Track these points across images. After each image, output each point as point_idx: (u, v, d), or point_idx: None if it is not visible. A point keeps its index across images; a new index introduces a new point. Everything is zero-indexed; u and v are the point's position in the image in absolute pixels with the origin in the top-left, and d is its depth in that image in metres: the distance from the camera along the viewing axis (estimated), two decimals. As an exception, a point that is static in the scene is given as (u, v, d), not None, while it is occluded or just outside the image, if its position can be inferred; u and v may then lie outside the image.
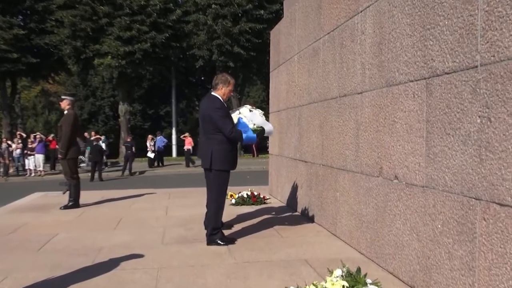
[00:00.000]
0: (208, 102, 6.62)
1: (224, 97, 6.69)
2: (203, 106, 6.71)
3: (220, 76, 6.76)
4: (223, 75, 6.76)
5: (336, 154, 6.80)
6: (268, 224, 7.79)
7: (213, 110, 6.48)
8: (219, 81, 6.67)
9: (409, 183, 4.74)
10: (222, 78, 6.67)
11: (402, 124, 4.87)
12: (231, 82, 6.71)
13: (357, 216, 6.08)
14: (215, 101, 6.58)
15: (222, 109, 6.50)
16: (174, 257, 5.99)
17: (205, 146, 6.59)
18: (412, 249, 4.68)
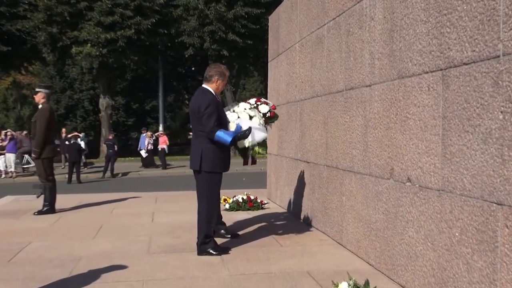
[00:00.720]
0: (199, 96, 6.63)
1: (218, 90, 6.71)
2: (193, 100, 6.72)
3: (214, 67, 6.76)
4: (218, 66, 6.76)
5: (342, 154, 6.80)
6: (266, 232, 7.79)
7: (202, 104, 6.49)
8: (214, 72, 6.68)
9: (423, 186, 4.74)
10: (218, 70, 6.68)
11: (415, 120, 4.88)
12: (226, 74, 6.74)
13: (365, 223, 6.08)
14: (206, 95, 6.59)
15: (211, 105, 6.49)
16: (161, 268, 5.99)
17: (194, 145, 6.60)
18: (427, 259, 4.69)
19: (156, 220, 9.20)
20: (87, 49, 33.79)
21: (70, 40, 34.34)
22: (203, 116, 6.43)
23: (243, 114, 6.86)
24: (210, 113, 6.43)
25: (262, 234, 7.66)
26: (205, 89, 6.67)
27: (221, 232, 7.49)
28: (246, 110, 6.94)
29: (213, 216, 6.66)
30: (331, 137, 7.21)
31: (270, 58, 11.32)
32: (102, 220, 9.23)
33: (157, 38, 35.68)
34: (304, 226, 8.17)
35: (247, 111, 6.91)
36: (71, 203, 11.20)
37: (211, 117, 6.43)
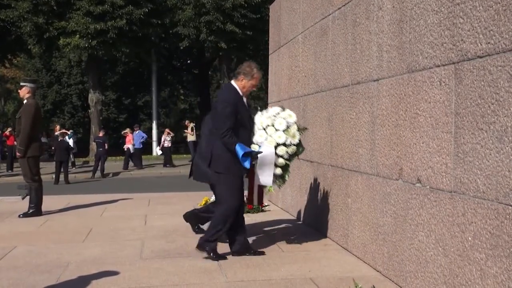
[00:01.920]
0: (222, 91, 6.79)
1: (244, 90, 6.68)
2: (218, 93, 6.90)
3: (245, 64, 6.76)
4: (249, 65, 6.73)
5: (348, 153, 6.81)
6: (266, 236, 7.80)
7: (222, 101, 6.54)
8: (241, 70, 6.69)
9: (434, 188, 4.75)
10: (246, 69, 6.67)
11: (426, 117, 4.88)
12: (255, 75, 6.67)
13: (372, 226, 6.09)
14: (228, 93, 6.63)
15: (232, 105, 6.48)
16: (155, 275, 6.00)
17: (206, 142, 6.65)
18: (438, 265, 4.70)
19: (149, 223, 9.21)
20: (75, 40, 33.74)
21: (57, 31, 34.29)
22: (219, 115, 6.44)
23: (270, 140, 6.51)
24: (227, 115, 6.41)
25: (262, 238, 7.67)
26: (230, 86, 6.71)
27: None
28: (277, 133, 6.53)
29: (227, 220, 6.61)
30: (336, 135, 7.22)
31: (271, 51, 11.33)
32: (92, 223, 9.24)
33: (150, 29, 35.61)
34: (307, 230, 8.18)
35: (275, 136, 6.52)
36: (58, 205, 11.20)
37: (229, 117, 6.40)
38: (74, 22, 33.29)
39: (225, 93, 6.66)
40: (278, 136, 6.47)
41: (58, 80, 50.98)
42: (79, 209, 10.84)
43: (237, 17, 34.66)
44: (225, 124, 6.37)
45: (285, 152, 6.50)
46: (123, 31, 33.84)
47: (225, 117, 6.40)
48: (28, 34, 35.11)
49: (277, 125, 6.53)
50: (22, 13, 34.15)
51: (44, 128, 43.16)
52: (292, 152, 6.57)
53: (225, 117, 6.40)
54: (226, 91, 6.70)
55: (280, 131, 6.49)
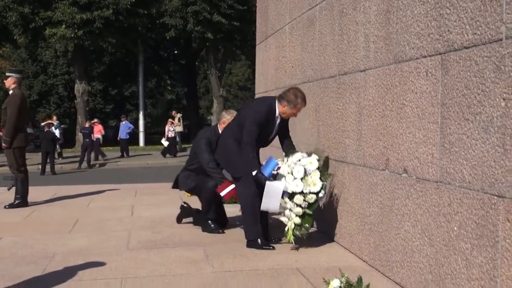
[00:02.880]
0: (260, 102, 6.85)
1: (284, 115, 6.71)
2: (253, 102, 7.08)
3: (292, 91, 6.64)
4: (295, 93, 6.60)
5: (334, 143, 6.82)
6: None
7: (254, 110, 6.62)
8: (286, 96, 6.61)
9: (420, 178, 4.76)
10: (291, 97, 6.57)
11: (412, 107, 4.89)
12: (298, 106, 6.62)
13: (358, 216, 6.11)
14: (266, 106, 6.63)
15: (261, 118, 6.55)
16: (141, 265, 5.99)
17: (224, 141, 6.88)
18: (424, 255, 4.72)
19: (136, 214, 9.19)
20: (61, 30, 33.54)
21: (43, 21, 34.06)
22: (248, 122, 6.49)
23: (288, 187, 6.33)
24: (255, 125, 6.48)
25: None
26: (270, 103, 6.69)
27: (211, 226, 7.53)
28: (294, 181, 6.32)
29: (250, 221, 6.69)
30: (323, 125, 7.22)
31: (258, 41, 11.30)
32: (78, 214, 9.20)
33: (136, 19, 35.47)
34: (294, 220, 8.18)
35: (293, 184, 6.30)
36: (44, 196, 11.15)
37: (255, 128, 6.48)
38: (60, 12, 33.08)
39: (261, 105, 6.68)
40: (296, 185, 6.27)
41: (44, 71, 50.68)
42: (65, 200, 10.79)
43: (224, 7, 34.62)
44: (251, 133, 6.46)
45: (302, 201, 6.28)
46: (110, 21, 33.68)
47: (253, 126, 6.47)
48: (13, 24, 34.88)
49: (295, 173, 6.33)
50: (7, 3, 33.93)
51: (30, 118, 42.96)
52: (311, 201, 6.31)
53: (253, 126, 6.47)
54: (265, 105, 6.67)
55: (298, 179, 6.29)
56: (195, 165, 7.72)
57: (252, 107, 6.76)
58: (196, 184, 7.65)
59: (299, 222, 6.36)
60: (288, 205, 6.33)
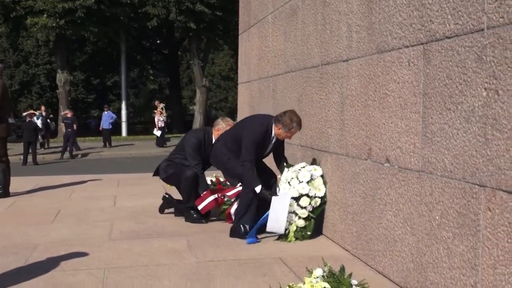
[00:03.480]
0: (258, 121, 6.85)
1: (279, 137, 6.82)
2: (251, 117, 7.25)
3: (288, 115, 6.68)
4: (290, 117, 6.65)
5: (317, 133, 6.82)
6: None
7: (254, 130, 6.69)
8: (282, 119, 6.68)
9: (403, 167, 4.78)
10: (287, 121, 6.64)
11: (395, 97, 4.90)
12: (292, 130, 6.70)
13: (341, 206, 6.12)
14: (264, 127, 6.72)
15: (259, 138, 6.67)
16: (124, 255, 5.98)
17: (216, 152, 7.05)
18: (406, 244, 4.74)
19: (118, 204, 9.17)
20: (43, 20, 33.27)
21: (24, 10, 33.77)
22: (247, 142, 6.61)
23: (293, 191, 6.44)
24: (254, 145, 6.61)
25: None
26: (267, 123, 6.76)
27: (194, 216, 7.52)
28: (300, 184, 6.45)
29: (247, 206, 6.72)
30: (305, 115, 7.22)
31: (241, 31, 11.27)
32: (60, 204, 9.15)
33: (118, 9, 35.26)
34: (276, 210, 8.19)
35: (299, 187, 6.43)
36: (26, 186, 11.08)
37: (254, 147, 6.62)
38: (42, 1, 32.83)
39: (262, 126, 6.74)
40: (302, 187, 6.40)
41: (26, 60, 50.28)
42: (48, 190, 10.73)
43: (206, -3, 34.45)
44: (250, 153, 6.58)
45: (308, 204, 6.39)
46: (92, 10, 33.45)
47: (252, 146, 6.60)
48: (-6, 13, 34.55)
49: (301, 177, 6.47)
50: (-13, -8, 33.58)
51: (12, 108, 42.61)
52: (316, 205, 6.44)
53: (252, 146, 6.60)
54: (262, 124, 6.76)
55: (304, 182, 6.43)
56: (179, 158, 7.71)
57: (251, 126, 6.78)
58: (175, 171, 7.66)
59: (303, 224, 6.43)
60: (293, 208, 6.40)
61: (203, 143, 7.58)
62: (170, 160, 7.84)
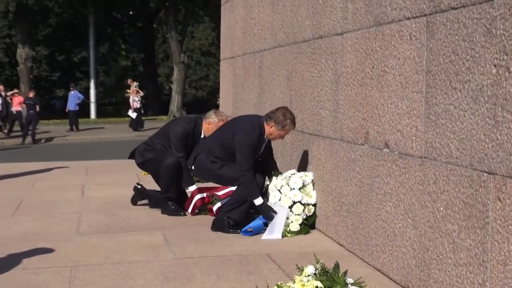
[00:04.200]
0: (250, 123, 6.76)
1: (270, 137, 6.78)
2: (239, 119, 7.12)
3: (280, 111, 6.68)
4: (284, 113, 6.65)
5: (309, 115, 6.82)
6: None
7: (248, 135, 6.61)
8: (274, 116, 6.66)
9: (403, 153, 4.78)
10: (280, 117, 6.62)
11: (395, 75, 4.90)
12: (286, 128, 6.69)
13: (335, 196, 6.14)
14: (258, 129, 6.67)
15: (255, 143, 6.64)
16: (94, 251, 5.96)
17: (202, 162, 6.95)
18: (407, 238, 4.76)
19: (87, 194, 9.15)
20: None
21: (-20, -23, 33.51)
22: (243, 149, 6.56)
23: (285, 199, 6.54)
24: (247, 154, 6.56)
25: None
26: (258, 124, 6.73)
27: (172, 208, 7.51)
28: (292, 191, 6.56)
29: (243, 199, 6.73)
30: (295, 95, 7.21)
31: (224, 1, 11.23)
32: (22, 194, 9.12)
33: (86, -25, 35.06)
34: (263, 200, 8.21)
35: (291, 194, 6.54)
36: (-17, 175, 11.05)
37: (251, 154, 6.60)
38: (-1, -33, 32.54)
39: (253, 129, 6.68)
40: (294, 195, 6.51)
41: (-18, 33, 49.96)
42: (8, 179, 10.70)
43: (185, -38, 34.31)
44: (248, 161, 6.54)
45: (302, 211, 6.50)
46: (56, -23, 33.20)
47: (248, 153, 6.57)
48: None
49: (292, 184, 6.57)
50: None
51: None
52: (309, 213, 6.57)
53: (249, 153, 6.58)
54: (254, 126, 6.70)
55: (296, 189, 6.53)
56: (160, 144, 7.67)
57: (244, 129, 6.70)
58: (154, 157, 7.62)
59: (296, 229, 6.49)
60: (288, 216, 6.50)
61: (190, 135, 7.54)
62: (150, 145, 7.80)
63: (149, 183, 8.15)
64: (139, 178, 9.15)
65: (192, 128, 7.60)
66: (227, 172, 6.73)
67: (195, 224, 7.01)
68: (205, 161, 6.86)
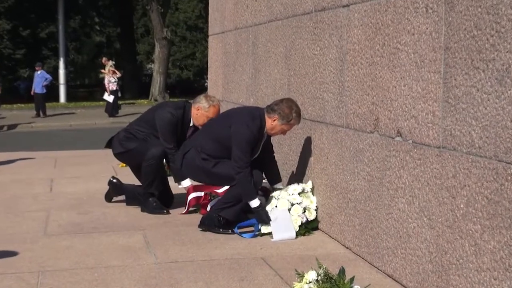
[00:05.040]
0: (249, 116, 6.72)
1: (272, 132, 6.75)
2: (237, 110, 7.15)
3: (285, 104, 6.64)
4: (289, 106, 6.61)
5: (310, 99, 6.82)
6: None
7: (248, 127, 6.57)
8: (278, 108, 6.61)
9: (418, 142, 4.79)
10: (285, 110, 6.58)
11: (409, 52, 4.90)
12: (292, 122, 6.66)
13: (340, 192, 6.14)
14: (255, 120, 6.64)
15: (255, 138, 6.61)
16: (64, 255, 5.97)
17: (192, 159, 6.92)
18: (422, 240, 4.77)
19: (56, 189, 9.17)
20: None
21: None
22: (240, 144, 6.53)
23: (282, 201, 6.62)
24: (246, 149, 6.54)
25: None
26: (259, 116, 6.71)
27: (153, 205, 7.51)
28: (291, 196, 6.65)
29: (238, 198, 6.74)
30: (295, 75, 7.21)
31: (212, -33, 11.22)
32: (-19, 190, 9.14)
33: None
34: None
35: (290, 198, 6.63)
36: None
37: (249, 149, 6.58)
38: None
39: (252, 121, 6.64)
40: (293, 198, 6.60)
41: None
42: (-35, 172, 10.71)
43: None
44: (245, 157, 6.53)
45: (301, 212, 6.56)
46: None
47: (246, 148, 6.55)
48: None
49: (291, 190, 6.69)
50: None
51: None
52: (310, 217, 6.61)
53: (247, 148, 6.55)
54: (253, 118, 6.67)
55: (295, 194, 6.63)
56: (143, 133, 7.62)
57: (242, 121, 6.68)
58: (136, 147, 7.57)
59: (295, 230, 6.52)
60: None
61: (179, 123, 7.50)
62: (131, 133, 7.75)
63: (126, 177, 8.15)
64: (116, 171, 9.14)
65: (182, 114, 7.55)
66: (222, 170, 6.72)
67: (180, 224, 7.02)
68: (196, 158, 6.85)
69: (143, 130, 7.68)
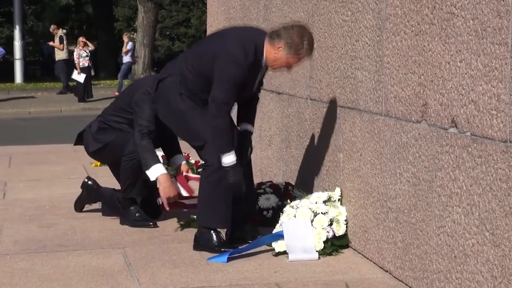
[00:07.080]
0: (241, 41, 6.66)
1: (274, 64, 6.70)
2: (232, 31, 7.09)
3: (296, 30, 6.61)
4: (301, 34, 6.58)
5: (338, 79, 6.83)
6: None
7: (236, 60, 6.51)
8: (286, 34, 6.56)
9: (479, 135, 4.78)
10: (294, 39, 6.53)
11: (466, 19, 4.89)
12: (301, 55, 6.63)
13: (377, 199, 6.15)
14: (246, 56, 6.56)
15: (245, 72, 6.54)
16: (20, 280, 5.99)
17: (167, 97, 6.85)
18: (484, 261, 4.76)
19: (10, 196, 9.24)
20: None
21: None
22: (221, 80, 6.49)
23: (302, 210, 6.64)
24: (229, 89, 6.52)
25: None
26: (257, 39, 6.67)
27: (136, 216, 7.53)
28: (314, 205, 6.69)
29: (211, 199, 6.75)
30: (319, 48, 7.22)
31: None
32: None
33: None
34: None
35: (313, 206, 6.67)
36: None
37: (233, 87, 6.53)
38: None
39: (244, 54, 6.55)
40: (317, 207, 6.62)
41: None
42: None
43: None
44: (226, 92, 6.51)
45: (326, 225, 6.55)
46: None
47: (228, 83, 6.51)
48: None
49: (314, 198, 6.75)
50: None
51: None
52: (339, 233, 6.62)
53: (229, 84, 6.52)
54: (248, 51, 6.58)
55: (320, 202, 6.67)
56: (119, 122, 7.60)
57: (229, 53, 6.60)
58: (113, 141, 7.55)
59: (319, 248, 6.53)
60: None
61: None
62: (106, 123, 7.74)
63: (101, 179, 8.17)
64: (88, 172, 9.16)
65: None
66: (196, 121, 6.70)
67: (170, 240, 7.04)
68: (172, 89, 6.81)
69: (118, 118, 7.70)
